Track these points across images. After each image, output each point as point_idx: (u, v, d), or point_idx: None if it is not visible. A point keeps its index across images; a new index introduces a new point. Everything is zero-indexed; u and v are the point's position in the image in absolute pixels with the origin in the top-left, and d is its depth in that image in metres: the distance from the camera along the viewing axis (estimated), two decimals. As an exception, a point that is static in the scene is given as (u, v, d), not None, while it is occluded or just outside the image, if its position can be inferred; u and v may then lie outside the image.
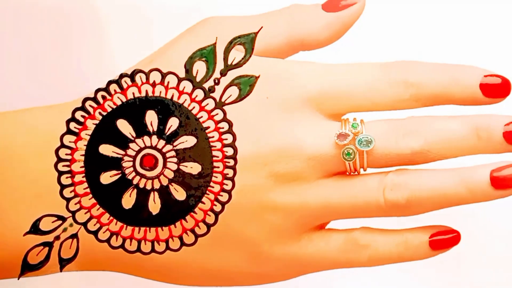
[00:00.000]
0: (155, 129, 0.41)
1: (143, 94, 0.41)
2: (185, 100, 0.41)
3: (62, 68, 0.50)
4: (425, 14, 0.46)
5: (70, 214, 0.41)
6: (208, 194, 0.41)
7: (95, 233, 0.41)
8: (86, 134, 0.41)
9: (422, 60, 0.43)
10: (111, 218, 0.41)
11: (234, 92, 0.42)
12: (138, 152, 0.41)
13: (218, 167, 0.41)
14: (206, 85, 0.42)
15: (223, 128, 0.41)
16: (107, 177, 0.41)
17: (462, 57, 0.53)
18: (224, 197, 0.41)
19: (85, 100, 0.41)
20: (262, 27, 0.43)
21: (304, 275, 0.44)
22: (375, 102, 0.43)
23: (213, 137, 0.41)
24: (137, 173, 0.41)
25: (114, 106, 0.41)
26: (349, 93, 0.43)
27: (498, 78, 0.42)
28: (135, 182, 0.41)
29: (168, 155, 0.41)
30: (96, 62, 0.50)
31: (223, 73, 0.42)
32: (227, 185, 0.41)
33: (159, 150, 0.41)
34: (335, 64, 0.43)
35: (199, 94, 0.41)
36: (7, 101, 0.49)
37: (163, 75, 0.41)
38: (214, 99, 0.41)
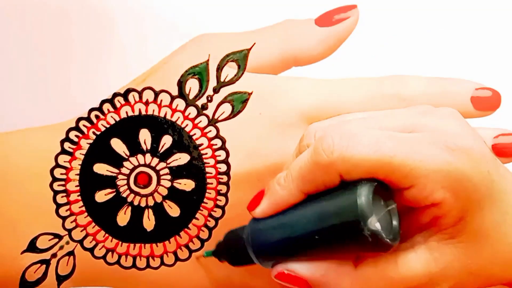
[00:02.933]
0: (149, 147, 0.42)
1: (136, 112, 0.42)
2: (178, 117, 0.42)
3: (59, 88, 0.51)
4: (418, 26, 0.46)
5: (66, 232, 0.42)
6: (202, 210, 0.42)
7: (91, 250, 0.42)
8: (80, 153, 0.42)
9: (415, 72, 0.43)
10: (107, 235, 0.42)
11: (227, 109, 0.42)
12: (132, 170, 0.42)
13: (212, 184, 0.42)
14: (199, 103, 0.42)
15: (216, 145, 0.42)
16: (102, 196, 0.42)
17: (456, 67, 0.53)
18: (217, 212, 0.42)
19: (79, 119, 0.42)
20: (254, 43, 0.43)
21: None
22: None
23: (206, 154, 0.42)
24: (132, 191, 0.42)
25: (108, 125, 0.42)
26: (342, 109, 0.43)
27: (488, 91, 0.42)
28: (129, 199, 0.42)
29: (161, 172, 0.42)
30: (91, 82, 0.51)
31: (216, 90, 0.42)
32: (220, 201, 0.42)
33: (153, 168, 0.42)
34: (328, 80, 0.43)
35: (192, 111, 0.42)
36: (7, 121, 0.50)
37: (156, 94, 0.42)
38: (207, 116, 0.42)
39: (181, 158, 0.42)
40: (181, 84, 0.42)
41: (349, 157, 0.35)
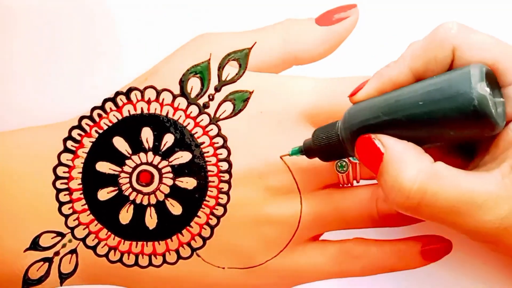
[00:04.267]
0: (151, 145, 0.42)
1: (139, 111, 0.42)
2: (180, 116, 0.42)
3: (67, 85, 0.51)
4: (418, 26, 0.47)
5: (69, 230, 0.42)
6: (204, 208, 0.42)
7: (93, 248, 0.42)
8: (83, 152, 0.42)
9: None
10: (109, 233, 0.42)
11: (228, 107, 0.42)
12: (134, 168, 0.42)
13: (213, 182, 0.42)
14: (201, 101, 0.42)
15: (218, 143, 0.42)
16: (105, 194, 0.42)
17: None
18: (219, 211, 0.42)
19: (81, 118, 0.42)
20: (256, 42, 0.44)
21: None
22: None
23: (208, 152, 0.42)
24: (134, 189, 0.42)
25: (110, 124, 0.42)
26: (342, 107, 0.43)
27: None
28: (131, 198, 0.42)
29: (164, 171, 0.42)
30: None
31: (217, 89, 0.43)
32: (222, 199, 0.42)
33: (155, 166, 0.42)
34: (328, 79, 0.44)
35: (193, 110, 0.42)
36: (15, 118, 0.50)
37: (158, 92, 0.42)
38: (208, 114, 0.42)
39: (183, 157, 0.42)
40: (182, 83, 0.42)
41: (467, 36, 0.36)
